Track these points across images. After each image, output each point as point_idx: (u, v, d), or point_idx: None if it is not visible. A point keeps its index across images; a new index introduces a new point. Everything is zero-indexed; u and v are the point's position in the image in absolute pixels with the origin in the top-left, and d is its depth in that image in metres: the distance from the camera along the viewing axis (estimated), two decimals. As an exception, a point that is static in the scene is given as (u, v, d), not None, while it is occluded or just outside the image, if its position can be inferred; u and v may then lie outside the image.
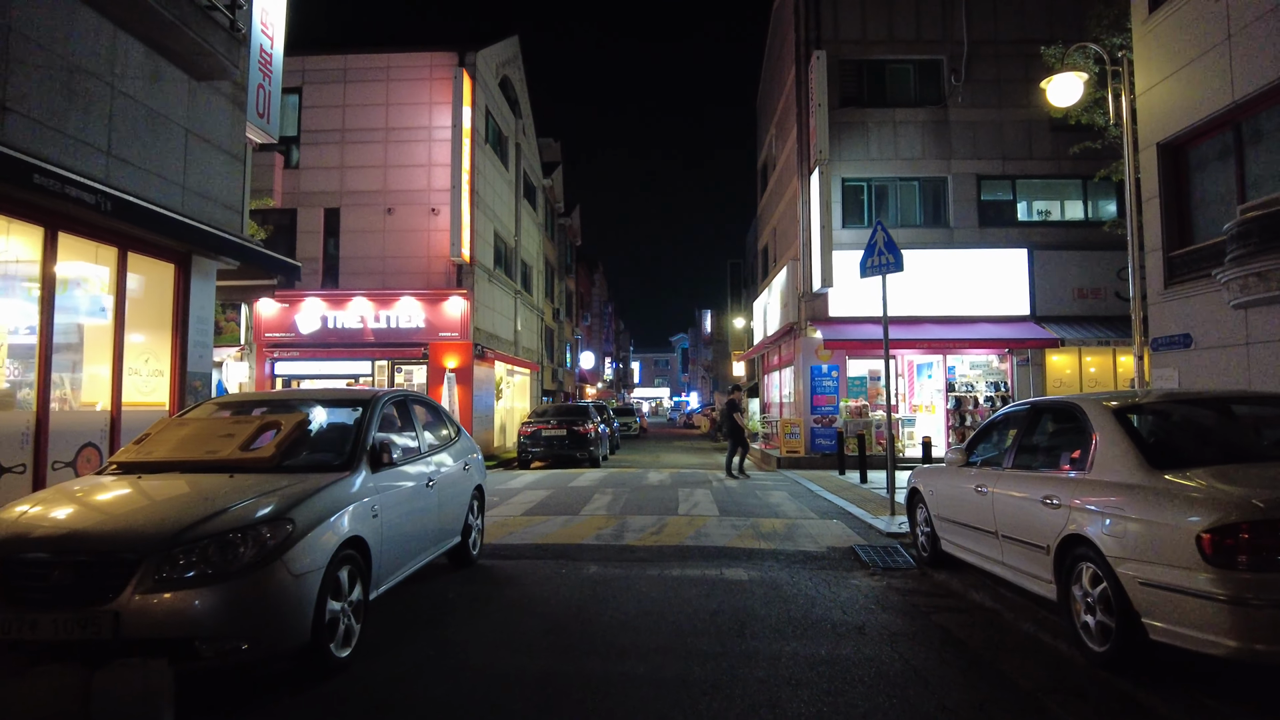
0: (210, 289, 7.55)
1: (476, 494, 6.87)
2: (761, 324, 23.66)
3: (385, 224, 17.92)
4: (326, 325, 17.57)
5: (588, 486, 12.50)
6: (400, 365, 17.95)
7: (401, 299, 17.35)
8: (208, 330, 7.48)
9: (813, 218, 16.99)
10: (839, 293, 17.09)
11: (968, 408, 17.22)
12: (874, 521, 8.81)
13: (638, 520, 8.83)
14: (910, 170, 17.84)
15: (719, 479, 14.01)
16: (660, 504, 10.26)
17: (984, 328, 16.81)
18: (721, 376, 56.06)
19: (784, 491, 11.94)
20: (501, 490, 12.09)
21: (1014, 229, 17.62)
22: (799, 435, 16.64)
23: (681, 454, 24.05)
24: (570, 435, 17.04)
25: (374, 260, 17.86)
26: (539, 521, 8.82)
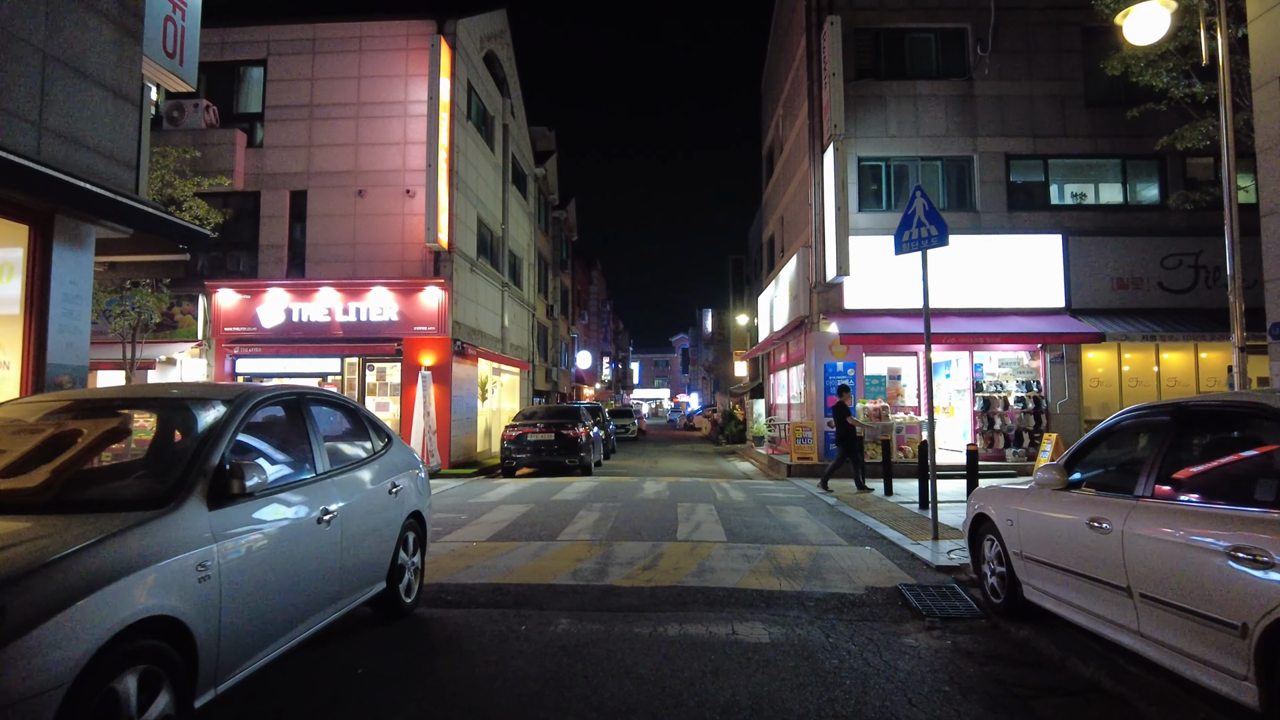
0: (85, 261, 5.95)
1: (413, 523, 5.28)
2: (768, 319, 22.07)
3: (356, 207, 16.34)
4: (291, 319, 15.98)
5: (574, 500, 10.90)
6: (372, 362, 16.36)
7: (373, 290, 15.78)
8: (81, 313, 5.89)
9: (826, 200, 15.40)
10: (855, 283, 15.51)
11: (997, 409, 15.63)
12: (915, 548, 7.22)
13: (628, 548, 7.23)
14: (932, 149, 16.25)
15: (723, 489, 12.40)
16: (656, 524, 8.66)
17: (1015, 321, 15.23)
18: (723, 377, 54.48)
19: (800, 507, 10.34)
20: (473, 505, 10.49)
21: (1046, 213, 16.03)
22: (811, 440, 15.04)
23: (682, 459, 22.45)
24: (559, 440, 15.45)
25: (344, 247, 16.28)
26: (506, 550, 7.21)
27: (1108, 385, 15.81)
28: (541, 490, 12.32)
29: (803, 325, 16.76)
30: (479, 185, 18.60)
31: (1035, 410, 15.59)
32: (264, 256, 16.45)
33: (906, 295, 15.58)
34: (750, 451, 21.51)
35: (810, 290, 16.23)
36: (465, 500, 11.11)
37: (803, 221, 17.50)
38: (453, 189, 16.25)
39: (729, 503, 10.69)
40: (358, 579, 4.36)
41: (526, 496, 11.46)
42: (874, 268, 15.52)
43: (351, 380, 16.35)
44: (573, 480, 14.16)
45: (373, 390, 16.43)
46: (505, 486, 13.08)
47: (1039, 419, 15.54)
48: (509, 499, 11.17)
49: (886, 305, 15.55)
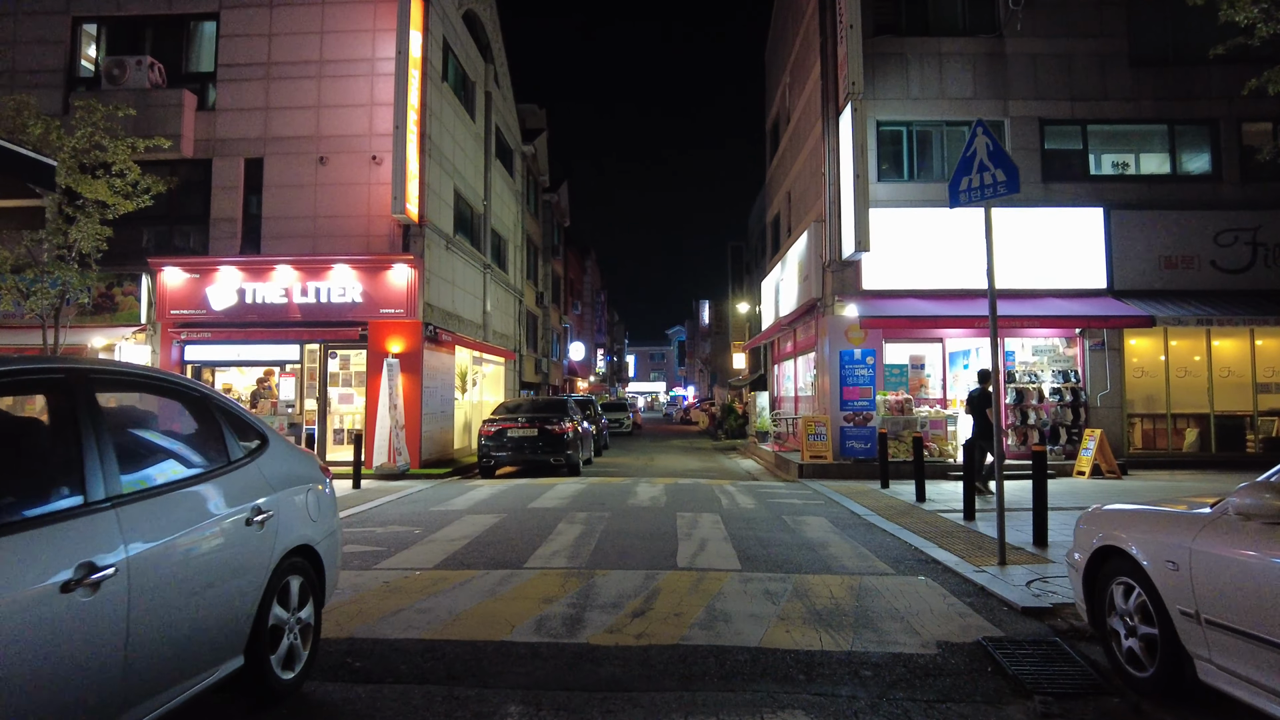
0: None
1: (299, 562, 3.66)
2: (772, 305, 20.45)
3: (318, 177, 14.64)
4: (245, 300, 14.30)
5: (555, 509, 9.28)
6: (334, 348, 14.69)
7: (335, 268, 14.10)
8: None
9: (843, 167, 13.76)
10: (874, 261, 13.89)
11: (1031, 402, 14.05)
12: (982, 578, 5.62)
13: (614, 580, 5.60)
14: (959, 112, 14.61)
15: (728, 493, 10.80)
16: (650, 542, 7.05)
17: (1052, 303, 13.63)
18: (720, 370, 52.91)
19: (822, 517, 8.73)
20: (433, 515, 8.86)
21: (1085, 184, 14.42)
22: (825, 437, 13.44)
23: (679, 456, 20.85)
24: (543, 436, 13.82)
25: (303, 221, 14.60)
26: (457, 582, 5.58)
27: (1153, 375, 14.25)
28: (519, 495, 10.70)
29: (814, 309, 15.14)
30: (456, 155, 16.91)
31: (1073, 403, 14.01)
32: (216, 231, 14.74)
33: (932, 273, 13.98)
34: (753, 448, 19.93)
35: (823, 270, 14.60)
36: (426, 508, 9.47)
37: (814, 194, 15.86)
38: (424, 155, 14.56)
39: (737, 512, 9.07)
40: (179, 664, 2.73)
41: (500, 503, 9.83)
42: (895, 244, 13.91)
43: (312, 369, 14.68)
44: (557, 482, 12.54)
45: (335, 380, 14.77)
46: (478, 490, 11.46)
47: (1077, 413, 13.97)
48: (478, 506, 9.54)
49: (909, 285, 13.95)
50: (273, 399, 14.72)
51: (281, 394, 14.59)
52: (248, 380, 15.05)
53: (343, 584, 5.49)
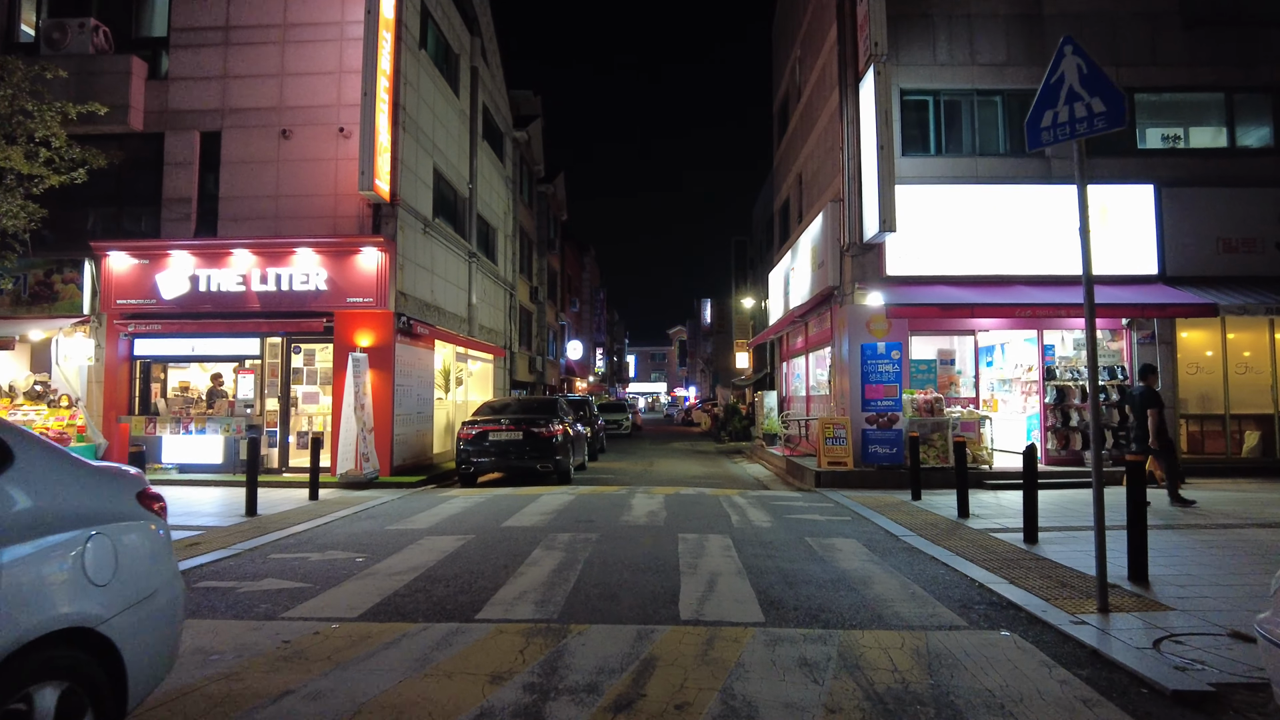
0: None
1: (56, 660, 2.21)
2: (781, 297, 18.99)
3: (280, 151, 13.20)
4: (198, 288, 12.85)
5: (532, 528, 7.82)
6: (298, 342, 13.24)
7: (297, 252, 12.64)
8: None
9: (864, 138, 12.31)
10: (899, 244, 12.44)
11: (1073, 401, 12.58)
12: (1087, 635, 4.18)
13: (593, 643, 4.14)
14: (991, 80, 13.16)
15: (737, 506, 9.34)
16: (646, 578, 5.59)
17: (1098, 290, 12.13)
18: (722, 369, 51.44)
19: (853, 539, 7.26)
20: (387, 537, 7.40)
21: (1133, 159, 12.96)
22: (845, 441, 11.97)
23: (681, 460, 19.38)
24: (529, 439, 12.36)
25: (265, 201, 13.15)
26: (379, 643, 4.12)
27: (1209, 372, 12.77)
28: (495, 509, 9.24)
29: (830, 298, 13.68)
30: (437, 131, 15.46)
31: (1120, 403, 12.54)
32: (168, 213, 13.29)
33: (962, 258, 12.53)
34: (760, 452, 18.47)
35: (841, 255, 13.14)
36: (382, 527, 8.02)
37: (829, 172, 14.40)
38: (397, 127, 13.11)
39: (750, 532, 7.61)
40: None
41: (469, 521, 8.37)
42: (921, 225, 12.46)
43: (274, 365, 13.23)
44: (543, 492, 11.09)
45: (299, 377, 13.31)
46: (450, 503, 10.00)
47: (1124, 413, 12.49)
48: (443, 525, 8.08)
49: (937, 271, 12.49)
50: (230, 398, 13.28)
51: (240, 392, 13.14)
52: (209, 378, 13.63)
53: (231, 643, 4.05)
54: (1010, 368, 14.68)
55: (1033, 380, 13.83)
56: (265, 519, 8.57)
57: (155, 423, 12.94)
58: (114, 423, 12.95)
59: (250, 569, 6.01)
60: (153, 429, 12.93)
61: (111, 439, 12.78)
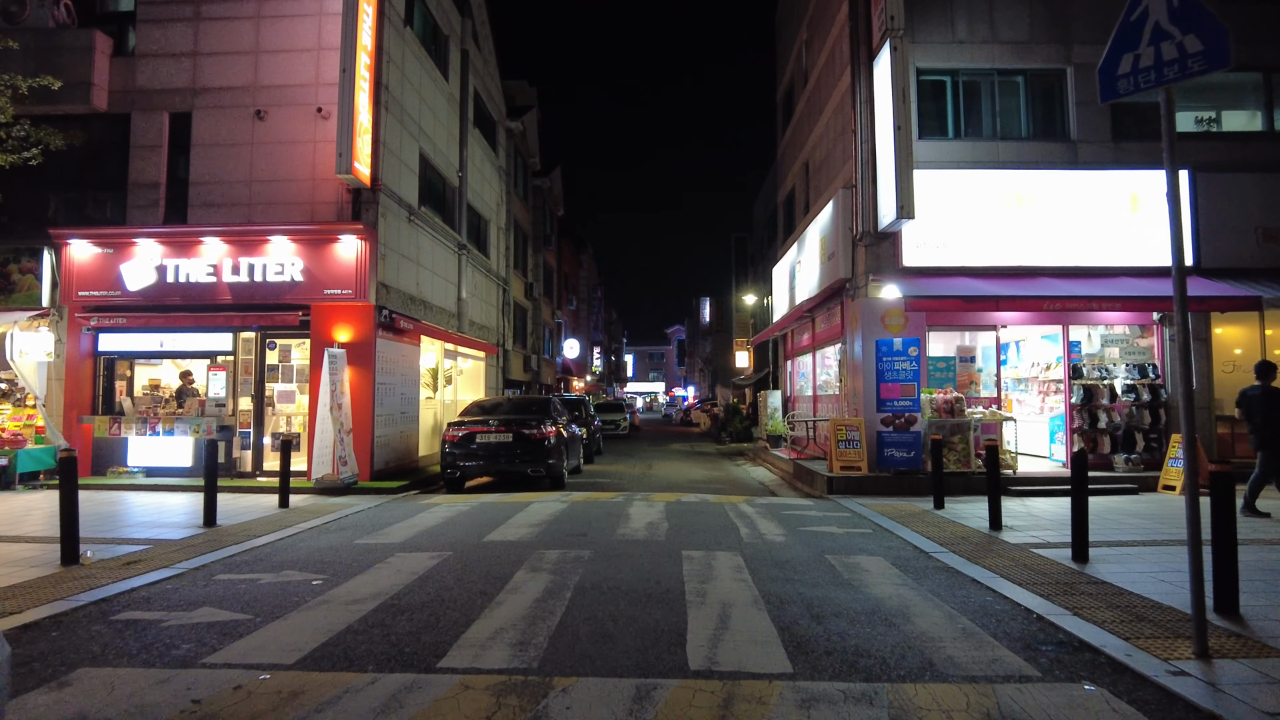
0: None
1: None
2: (785, 293, 18.17)
3: (255, 134, 12.35)
4: (165, 279, 12.00)
5: (518, 543, 6.99)
6: (273, 337, 12.39)
7: (272, 240, 11.80)
8: None
9: (879, 119, 11.49)
10: (916, 234, 11.62)
11: (1101, 401, 11.77)
12: (1195, 692, 3.36)
13: (579, 704, 3.29)
14: (1013, 58, 12.34)
15: (745, 515, 8.52)
16: (646, 610, 4.76)
17: (1127, 283, 11.36)
18: (722, 369, 50.63)
19: (879, 556, 6.44)
20: (354, 553, 6.55)
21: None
22: (859, 443, 11.15)
23: (681, 462, 18.55)
24: (519, 442, 11.53)
25: (237, 186, 12.30)
26: (310, 706, 3.28)
27: (1245, 370, 11.92)
28: (479, 520, 8.40)
29: (841, 292, 12.86)
30: (423, 115, 14.61)
31: (1151, 403, 11.75)
32: (135, 199, 12.43)
33: (983, 248, 11.71)
34: (764, 454, 17.65)
35: (853, 245, 12.32)
36: (351, 541, 7.18)
37: (840, 158, 13.58)
38: (379, 107, 12.26)
39: (763, 547, 6.78)
40: None
41: (449, 533, 7.53)
42: (938, 213, 11.65)
43: (247, 361, 12.38)
44: (533, 499, 10.25)
45: (274, 375, 12.46)
46: (431, 512, 9.16)
47: (1156, 415, 11.71)
48: (418, 540, 7.24)
49: (956, 262, 11.67)
50: (201, 397, 12.43)
51: (211, 390, 12.29)
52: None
53: (124, 704, 3.24)
54: (1026, 366, 13.89)
55: (1052, 379, 13.04)
56: (224, 530, 7.73)
57: (120, 423, 12.09)
58: (75, 423, 12.09)
59: (187, 595, 5.17)
60: (117, 430, 12.07)
61: (73, 440, 11.93)
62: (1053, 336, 13.44)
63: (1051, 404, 13.15)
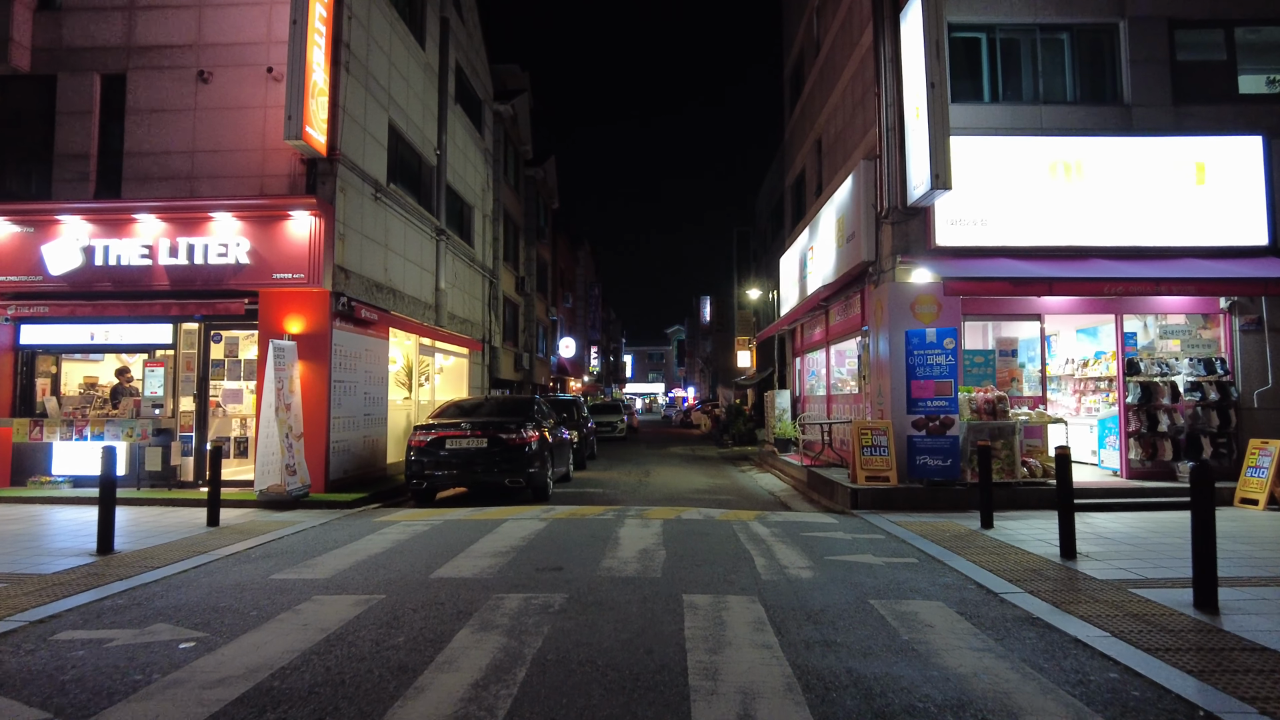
0: None
1: None
2: (795, 283, 16.69)
3: (198, 98, 10.91)
4: (94, 262, 10.55)
5: (472, 581, 5.51)
6: (218, 328, 10.92)
7: (215, 218, 10.34)
8: None
9: (908, 78, 10.04)
10: (950, 210, 10.16)
11: (1161, 402, 10.30)
12: None
13: None
14: (1057, 12, 10.88)
15: (759, 538, 7.03)
16: (630, 701, 3.27)
17: (1191, 264, 9.89)
18: (722, 369, 49.15)
19: (938, 600, 4.95)
20: (258, 596, 5.05)
21: (1233, 106, 10.68)
22: (886, 450, 9.67)
23: (681, 469, 17.08)
24: (496, 449, 10.05)
25: (178, 157, 10.85)
26: None
27: (1326, 366, 10.49)
28: (436, 545, 6.93)
29: (863, 278, 11.40)
30: (395, 83, 13.15)
31: (1219, 403, 10.29)
32: (61, 171, 10.96)
33: (1028, 225, 10.25)
34: (772, 459, 16.17)
35: (877, 223, 10.85)
36: (269, 574, 5.69)
37: (860, 128, 12.12)
38: (338, 67, 10.80)
39: (788, 590, 5.30)
40: None
41: (393, 565, 6.05)
42: (974, 186, 10.20)
43: (190, 356, 10.90)
44: (509, 515, 8.78)
45: (220, 372, 10.97)
46: (382, 533, 7.68)
47: (1225, 417, 10.24)
48: (352, 574, 5.76)
49: (995, 241, 10.20)
50: (137, 397, 10.96)
51: (147, 388, 10.81)
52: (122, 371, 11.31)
53: None
54: (1060, 362, 12.42)
55: (1090, 377, 11.63)
56: (118, 560, 6.26)
57: (43, 426, 10.60)
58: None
59: (-8, 669, 3.69)
60: (40, 434, 10.59)
61: (-12, 446, 10.46)
62: (1090, 330, 12.01)
63: (1089, 404, 11.69)
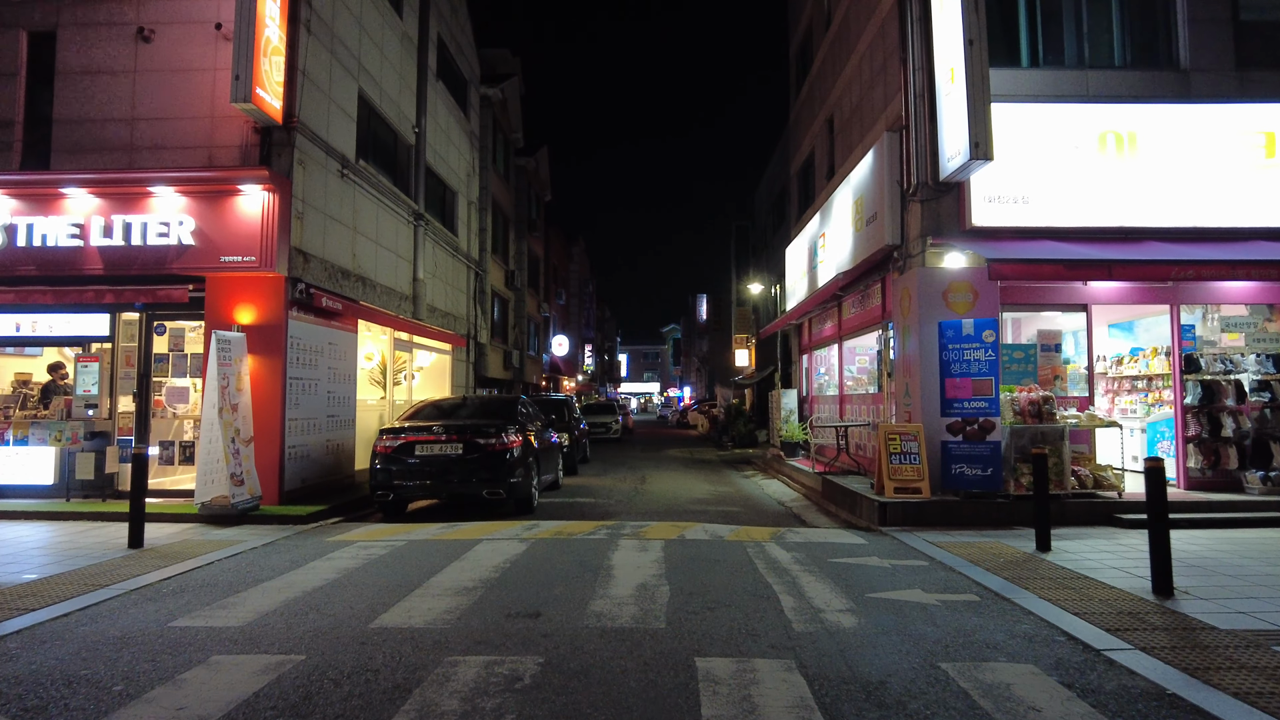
0: None
1: None
2: (803, 275, 15.50)
3: (139, 59, 9.68)
4: (16, 242, 9.31)
5: (420, 635, 4.29)
6: (162, 318, 9.69)
7: (155, 193, 9.12)
8: None
9: (939, 36, 8.86)
10: (987, 185, 8.99)
11: (1224, 403, 9.14)
12: None
13: None
14: (1105, -33, 9.72)
15: (781, 568, 5.84)
16: None
17: (1262, 247, 8.74)
18: (719, 368, 47.99)
19: (1028, 665, 3.74)
20: (145, 652, 3.80)
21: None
22: (917, 457, 8.48)
23: (680, 474, 15.87)
24: (473, 455, 8.84)
25: (116, 126, 9.63)
26: None
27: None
28: (391, 574, 5.72)
29: (886, 263, 10.22)
30: (366, 50, 11.92)
31: (1289, 404, 9.13)
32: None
33: (1074, 203, 9.07)
34: (778, 464, 14.99)
35: (903, 201, 9.67)
36: (168, 620, 4.47)
37: (879, 100, 10.94)
38: (297, 25, 9.57)
39: (831, 647, 4.11)
40: None
41: (328, 606, 4.83)
42: (1013, 160, 9.02)
43: (130, 350, 9.66)
44: (484, 534, 7.57)
45: (163, 368, 9.72)
46: (331, 557, 6.46)
47: (1301, 421, 9.08)
48: (276, 617, 4.53)
49: (1040, 221, 9.02)
50: (69, 395, 9.71)
51: (81, 386, 9.57)
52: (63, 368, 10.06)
53: None
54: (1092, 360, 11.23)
55: (1126, 376, 10.49)
56: (-10, 597, 5.04)
57: (-39, 429, 9.37)
58: (-100, 429, 9.36)
59: None
60: (-44, 438, 9.35)
61: (-104, 451, 9.21)
62: (1125, 325, 10.86)
63: (1124, 405, 10.53)
